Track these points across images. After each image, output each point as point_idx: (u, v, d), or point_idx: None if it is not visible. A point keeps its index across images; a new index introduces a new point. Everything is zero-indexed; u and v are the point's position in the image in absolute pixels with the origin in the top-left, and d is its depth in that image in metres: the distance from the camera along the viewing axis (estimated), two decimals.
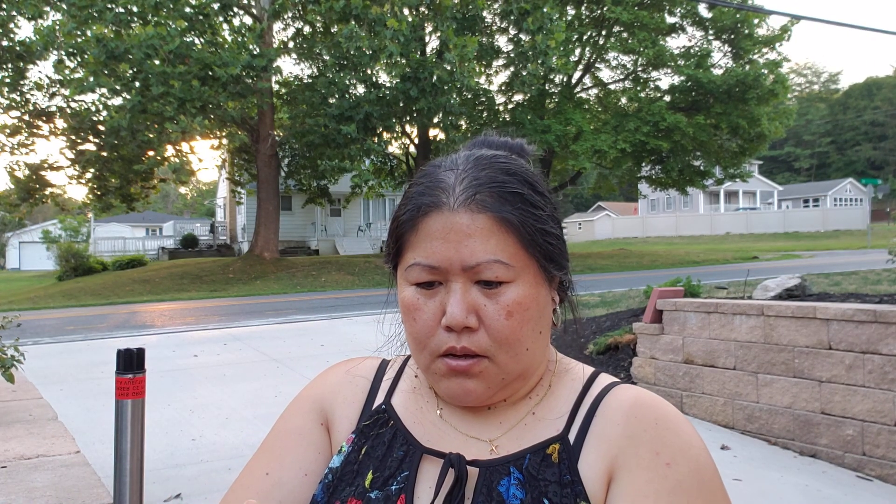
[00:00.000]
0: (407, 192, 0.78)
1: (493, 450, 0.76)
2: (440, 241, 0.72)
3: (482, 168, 0.75)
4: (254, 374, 6.58)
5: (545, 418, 0.78)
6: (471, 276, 0.72)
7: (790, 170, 75.02)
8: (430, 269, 0.73)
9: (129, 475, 2.78)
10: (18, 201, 21.55)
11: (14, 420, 4.97)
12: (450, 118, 20.35)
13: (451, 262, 0.72)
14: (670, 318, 5.25)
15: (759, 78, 22.62)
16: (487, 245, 0.71)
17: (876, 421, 3.88)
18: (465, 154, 0.79)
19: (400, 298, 0.77)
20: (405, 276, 0.76)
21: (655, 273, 16.74)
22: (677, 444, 0.72)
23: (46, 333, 9.62)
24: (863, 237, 31.89)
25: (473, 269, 0.71)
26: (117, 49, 16.54)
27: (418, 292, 0.74)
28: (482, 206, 0.72)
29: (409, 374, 0.87)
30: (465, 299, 0.71)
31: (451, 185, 0.74)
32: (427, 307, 0.73)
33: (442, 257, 0.72)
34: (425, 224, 0.73)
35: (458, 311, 0.71)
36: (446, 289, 0.73)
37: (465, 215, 0.72)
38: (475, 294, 0.72)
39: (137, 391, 2.79)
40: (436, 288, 0.73)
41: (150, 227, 48.68)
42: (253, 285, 18.02)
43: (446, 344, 0.72)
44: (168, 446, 4.48)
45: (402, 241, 0.76)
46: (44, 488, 3.61)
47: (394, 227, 0.78)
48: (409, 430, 0.80)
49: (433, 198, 0.74)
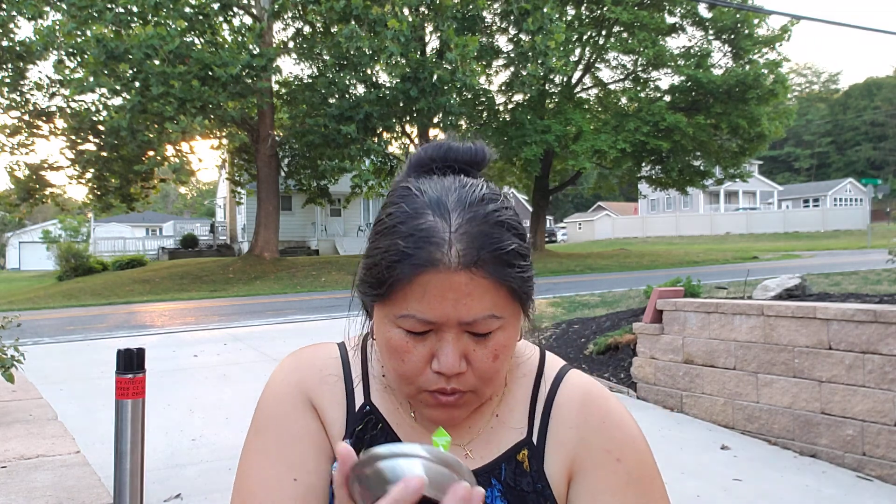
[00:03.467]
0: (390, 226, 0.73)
1: (467, 454, 0.81)
2: (437, 299, 0.70)
3: (476, 222, 0.72)
4: (254, 374, 6.58)
5: (508, 419, 0.83)
6: (464, 328, 0.73)
7: (790, 170, 75.02)
8: (424, 323, 0.72)
9: (129, 475, 2.78)
10: (18, 201, 21.55)
11: (14, 420, 4.97)
12: (450, 118, 20.35)
13: (448, 318, 0.71)
14: (670, 318, 5.25)
15: (759, 78, 22.61)
16: (483, 303, 0.71)
17: (876, 421, 3.88)
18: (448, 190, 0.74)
19: (384, 336, 0.75)
20: (393, 321, 0.74)
21: (655, 273, 16.73)
22: (623, 438, 0.81)
23: (46, 333, 9.62)
24: (863, 237, 31.89)
25: (470, 324, 0.72)
26: (117, 49, 16.54)
27: (408, 336, 0.73)
28: (481, 268, 0.71)
29: (376, 370, 0.87)
30: (457, 348, 0.72)
31: (445, 239, 0.70)
32: (416, 350, 0.73)
33: (440, 314, 0.71)
34: (421, 280, 0.70)
35: (452, 360, 0.72)
36: (437, 336, 0.73)
37: (464, 276, 0.70)
38: (465, 341, 0.73)
39: (137, 391, 2.79)
40: (426, 335, 0.73)
41: (150, 227, 48.69)
42: (253, 285, 18.02)
43: (436, 384, 0.74)
44: (168, 446, 4.48)
45: (394, 286, 0.72)
46: (44, 488, 3.61)
47: (381, 267, 0.73)
48: (396, 433, 0.82)
49: (428, 254, 0.70)
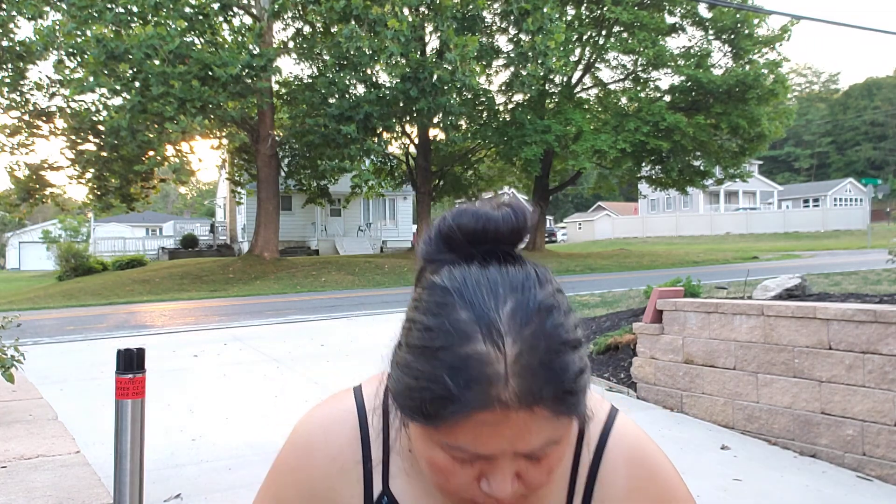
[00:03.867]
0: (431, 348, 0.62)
1: None
2: (492, 437, 0.62)
3: (537, 352, 0.61)
4: (254, 374, 6.58)
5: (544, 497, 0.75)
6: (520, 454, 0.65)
7: (790, 170, 75.02)
8: (476, 456, 0.64)
9: (129, 475, 2.78)
10: (18, 201, 21.55)
11: (14, 420, 4.97)
12: (450, 118, 20.35)
13: (503, 451, 0.63)
14: (670, 318, 5.25)
15: (759, 78, 22.62)
16: (542, 435, 0.63)
17: (876, 421, 3.88)
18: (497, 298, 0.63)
19: (426, 454, 0.67)
20: (438, 443, 0.65)
21: (655, 273, 16.74)
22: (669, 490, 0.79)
23: (46, 333, 9.61)
24: (863, 237, 31.89)
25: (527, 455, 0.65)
26: (117, 49, 16.54)
27: (454, 461, 0.65)
28: (543, 399, 0.61)
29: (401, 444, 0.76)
30: (510, 475, 0.65)
31: (501, 374, 0.60)
32: (464, 473, 0.65)
33: (495, 448, 0.63)
34: (473, 419, 0.61)
35: (506, 488, 0.65)
36: (490, 463, 0.65)
37: (524, 414, 0.61)
38: (520, 463, 0.65)
39: (137, 391, 2.79)
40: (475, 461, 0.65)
41: (150, 227, 48.68)
42: (253, 285, 18.02)
43: (485, 500, 0.66)
44: (168, 446, 4.47)
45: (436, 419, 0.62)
46: (44, 488, 3.61)
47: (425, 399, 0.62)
48: None
49: (482, 394, 0.60)
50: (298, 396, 5.72)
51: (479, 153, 28.81)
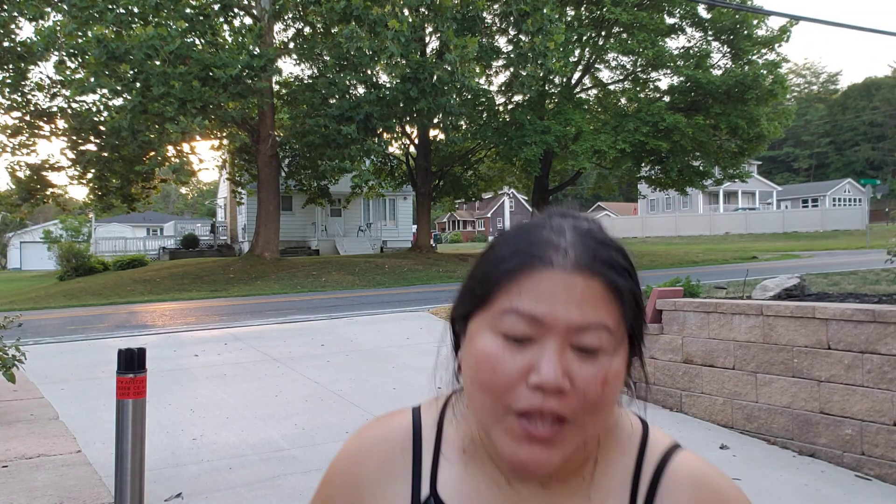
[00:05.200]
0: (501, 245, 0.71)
1: None
2: (547, 296, 0.66)
3: (592, 238, 0.70)
4: (254, 374, 6.59)
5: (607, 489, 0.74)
6: (570, 338, 0.66)
7: (789, 170, 75.03)
8: (529, 319, 0.66)
9: (130, 474, 2.79)
10: (19, 201, 21.56)
11: (15, 419, 4.98)
12: (450, 119, 20.36)
13: (557, 318, 0.65)
14: (670, 317, 5.26)
15: (758, 78, 22.62)
16: (598, 311, 0.66)
17: (875, 420, 3.89)
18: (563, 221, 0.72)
19: (476, 349, 0.68)
20: (491, 324, 0.68)
21: (655, 273, 16.74)
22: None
23: (47, 333, 9.62)
24: (862, 237, 31.89)
25: (578, 330, 0.66)
26: (118, 50, 16.55)
27: (504, 344, 0.66)
28: (598, 272, 0.67)
29: (453, 442, 0.78)
30: (561, 360, 0.65)
31: (562, 246, 0.68)
32: (513, 359, 0.66)
33: (548, 310, 0.65)
34: (532, 278, 0.67)
35: (556, 371, 0.64)
36: (539, 347, 0.66)
37: (580, 278, 0.66)
38: (570, 356, 0.66)
39: (138, 391, 2.80)
40: (525, 345, 0.66)
41: (150, 228, 48.70)
42: (253, 285, 18.03)
43: (529, 401, 0.65)
44: (169, 446, 4.49)
45: (497, 288, 0.68)
46: (45, 488, 3.62)
47: (485, 273, 0.70)
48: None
49: (542, 252, 0.67)
50: (298, 396, 5.73)
51: (478, 153, 28.83)
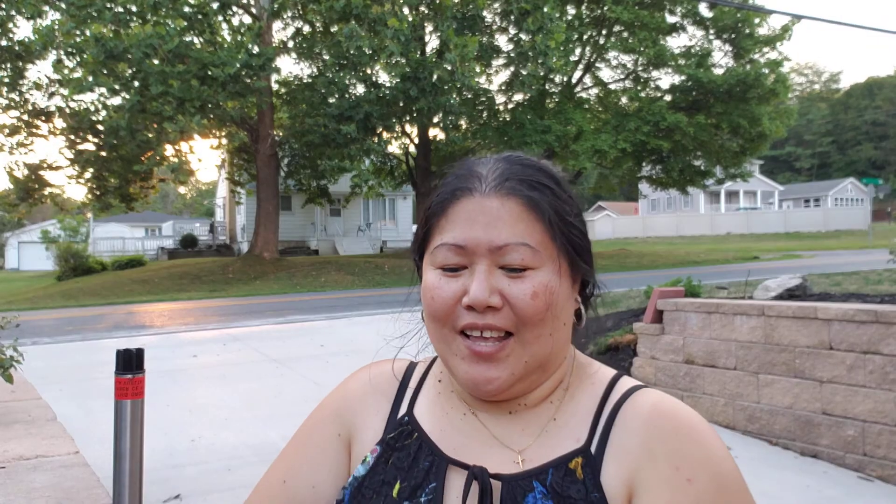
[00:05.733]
0: (438, 185, 0.81)
1: (519, 462, 0.75)
2: (469, 223, 0.73)
3: (513, 163, 0.77)
4: (253, 375, 6.57)
5: (566, 425, 0.77)
6: (496, 259, 0.72)
7: (791, 169, 75.02)
8: (456, 249, 0.73)
9: (129, 476, 2.77)
10: (17, 201, 21.55)
11: (13, 420, 4.96)
12: (450, 118, 20.34)
13: (479, 243, 0.72)
14: (671, 318, 5.23)
15: (759, 77, 22.60)
16: (516, 229, 0.73)
17: (877, 421, 3.86)
18: (497, 155, 0.81)
19: (423, 284, 0.77)
20: (430, 260, 0.77)
21: (656, 273, 16.72)
22: (698, 456, 0.70)
23: (45, 334, 9.60)
24: (864, 237, 31.88)
25: (500, 250, 0.72)
26: (116, 48, 16.52)
27: (441, 275, 0.75)
28: (512, 191, 0.74)
29: (432, 378, 0.86)
30: (488, 279, 0.72)
31: (483, 174, 0.76)
32: (448, 286, 0.74)
33: (469, 237, 0.73)
34: (455, 208, 0.75)
35: (482, 289, 0.71)
36: (470, 272, 0.73)
37: (496, 200, 0.73)
38: (499, 277, 0.72)
39: (137, 391, 2.78)
40: (460, 272, 0.74)
41: (149, 227, 48.66)
42: (252, 285, 18.01)
43: (466, 320, 0.72)
44: (167, 447, 4.47)
45: (431, 226, 0.77)
46: (43, 489, 3.60)
47: (424, 216, 0.79)
48: (433, 441, 0.79)
49: (464, 183, 0.76)
50: (298, 396, 5.71)
51: (479, 153, 28.77)
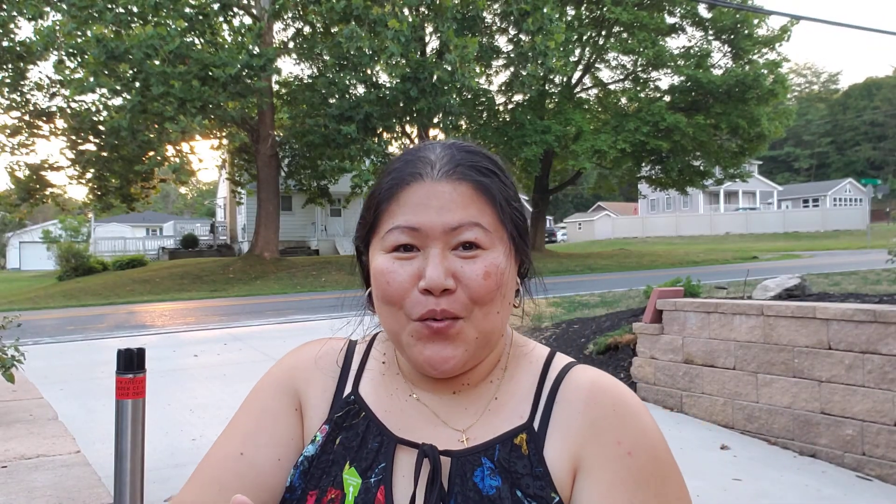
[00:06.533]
0: (384, 170, 0.81)
1: (464, 440, 0.77)
2: (422, 207, 0.74)
3: (460, 150, 0.79)
4: (254, 374, 6.56)
5: (508, 403, 0.80)
6: (449, 241, 0.74)
7: (790, 170, 75.01)
8: (409, 231, 0.74)
9: (130, 475, 2.78)
10: (19, 201, 21.55)
11: (14, 420, 4.97)
12: (450, 118, 20.35)
13: (433, 226, 0.73)
14: (670, 318, 5.25)
15: (758, 78, 22.62)
16: (468, 210, 0.74)
17: (876, 421, 3.88)
18: (436, 143, 0.82)
19: (372, 268, 0.78)
20: (381, 245, 0.77)
21: (655, 273, 16.73)
22: (636, 430, 0.75)
23: (47, 333, 9.62)
24: (862, 237, 31.89)
25: (454, 231, 0.73)
26: (117, 49, 16.53)
27: (394, 258, 0.75)
28: (463, 176, 0.76)
29: (376, 358, 0.87)
30: (443, 263, 0.73)
31: (432, 160, 0.77)
32: (403, 270, 0.74)
33: (423, 219, 0.74)
34: (406, 193, 0.75)
35: (438, 272, 0.72)
36: (424, 255, 0.74)
37: (447, 184, 0.75)
38: (452, 258, 0.74)
39: (138, 391, 2.79)
40: (413, 254, 0.74)
41: (150, 228, 48.67)
42: (253, 285, 18.02)
43: (425, 307, 0.72)
44: (168, 446, 4.48)
45: (380, 211, 0.77)
46: (44, 488, 3.61)
47: (371, 201, 0.79)
48: (380, 420, 0.80)
49: (414, 169, 0.76)
50: None
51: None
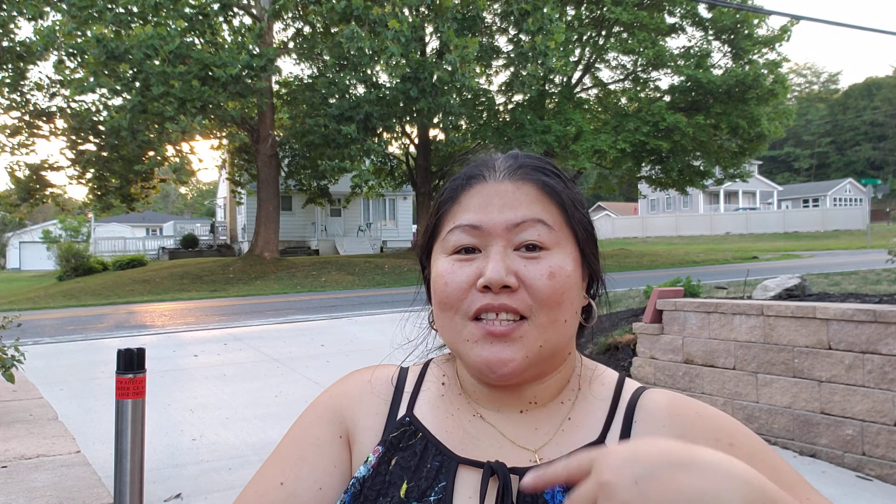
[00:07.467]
0: (446, 183, 0.80)
1: (536, 460, 0.74)
2: (483, 206, 0.73)
3: (524, 156, 0.79)
4: (254, 374, 6.58)
5: (583, 423, 0.77)
6: (512, 240, 0.72)
7: (790, 170, 75.00)
8: (470, 230, 0.73)
9: (130, 475, 2.78)
10: (19, 201, 21.55)
11: (14, 420, 4.97)
12: (450, 118, 20.35)
13: (494, 223, 0.72)
14: (670, 318, 5.25)
15: (758, 78, 22.62)
16: (532, 207, 0.73)
17: (875, 421, 3.88)
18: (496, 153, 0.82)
19: (433, 274, 0.75)
20: (442, 248, 0.75)
21: (655, 273, 16.73)
22: (727, 423, 0.74)
23: (47, 333, 9.62)
24: (862, 237, 31.88)
25: (517, 228, 0.72)
26: (117, 49, 16.54)
27: (454, 260, 0.73)
28: (526, 176, 0.75)
29: (432, 381, 0.84)
30: (504, 259, 0.71)
31: (495, 164, 0.77)
32: (462, 271, 0.72)
33: (485, 217, 0.73)
34: (468, 194, 0.75)
35: (497, 268, 0.69)
36: (485, 254, 0.72)
37: (510, 184, 0.74)
38: (515, 258, 0.71)
39: (138, 391, 2.79)
40: (474, 255, 0.73)
41: (150, 228, 48.67)
42: (253, 285, 18.02)
43: (481, 301, 0.70)
44: (168, 446, 4.48)
45: (443, 213, 0.76)
46: (44, 488, 3.62)
47: (435, 205, 0.79)
48: (440, 441, 0.77)
49: (477, 172, 0.76)
50: (298, 396, 5.72)
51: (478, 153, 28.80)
